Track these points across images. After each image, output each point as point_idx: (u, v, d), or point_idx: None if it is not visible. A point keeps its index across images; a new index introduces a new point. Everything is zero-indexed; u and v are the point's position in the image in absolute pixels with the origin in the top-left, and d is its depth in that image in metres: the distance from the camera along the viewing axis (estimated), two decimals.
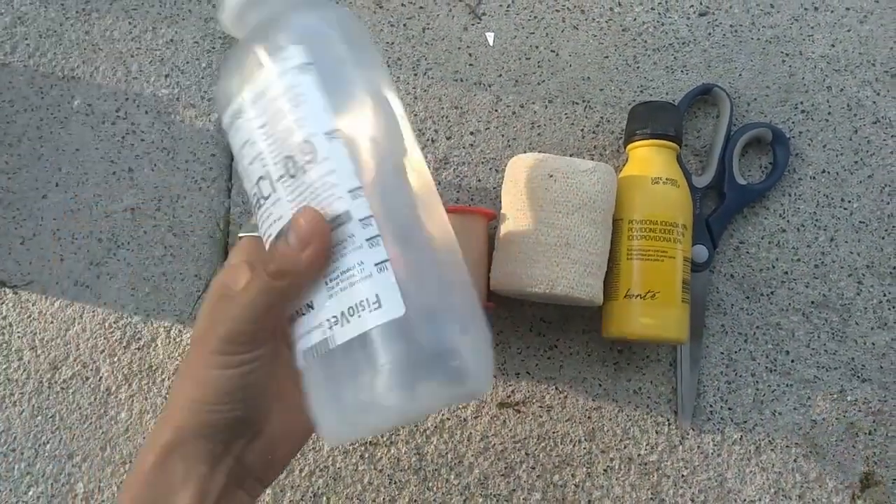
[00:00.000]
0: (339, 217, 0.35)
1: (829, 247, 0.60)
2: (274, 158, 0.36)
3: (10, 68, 0.64)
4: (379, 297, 0.35)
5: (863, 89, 0.62)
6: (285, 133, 0.36)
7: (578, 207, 0.52)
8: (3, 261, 0.61)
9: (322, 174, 0.35)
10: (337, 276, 0.35)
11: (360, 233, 0.35)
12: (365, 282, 0.35)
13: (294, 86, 0.36)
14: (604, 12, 0.63)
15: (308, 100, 0.36)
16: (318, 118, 0.36)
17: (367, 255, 0.35)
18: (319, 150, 0.36)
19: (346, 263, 0.35)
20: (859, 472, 0.58)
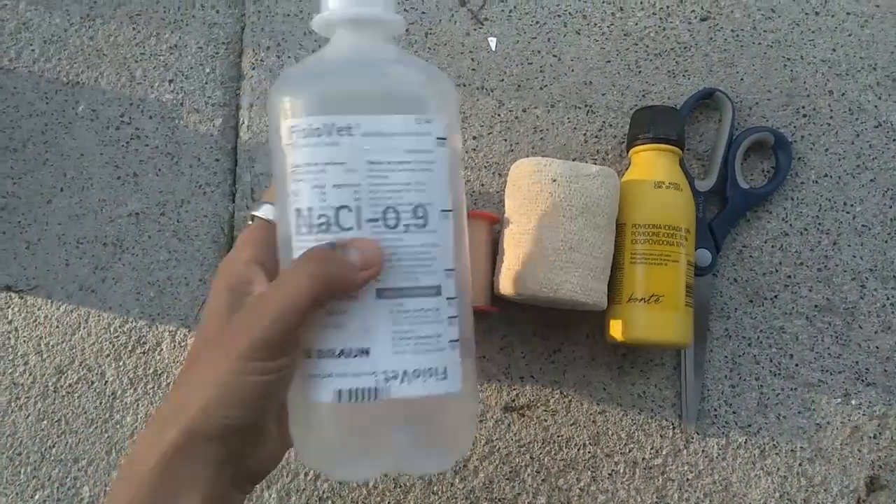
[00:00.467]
0: (430, 288, 0.37)
1: (833, 251, 0.60)
2: (373, 200, 0.37)
3: (15, 74, 0.64)
4: (447, 370, 0.38)
5: (864, 93, 0.62)
6: (399, 187, 0.37)
7: (582, 212, 0.53)
8: (9, 266, 0.61)
9: (425, 243, 0.37)
10: (410, 337, 0.37)
11: (445, 310, 0.38)
12: (437, 353, 0.38)
13: (427, 151, 0.37)
14: (605, 17, 0.64)
15: (436, 172, 0.38)
16: (438, 193, 0.38)
17: (445, 330, 0.38)
18: (431, 220, 0.37)
19: (424, 330, 0.37)
20: (864, 476, 0.58)
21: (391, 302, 0.37)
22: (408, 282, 0.37)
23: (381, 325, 0.37)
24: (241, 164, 0.63)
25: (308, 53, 0.63)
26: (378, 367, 0.37)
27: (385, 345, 0.37)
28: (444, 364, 0.38)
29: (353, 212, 0.37)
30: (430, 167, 0.37)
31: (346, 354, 0.37)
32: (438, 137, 0.38)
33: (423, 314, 0.37)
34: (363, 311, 0.37)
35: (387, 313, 0.37)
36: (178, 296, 0.61)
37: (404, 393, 0.37)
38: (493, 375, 0.59)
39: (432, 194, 0.37)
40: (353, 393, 0.37)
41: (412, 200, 0.37)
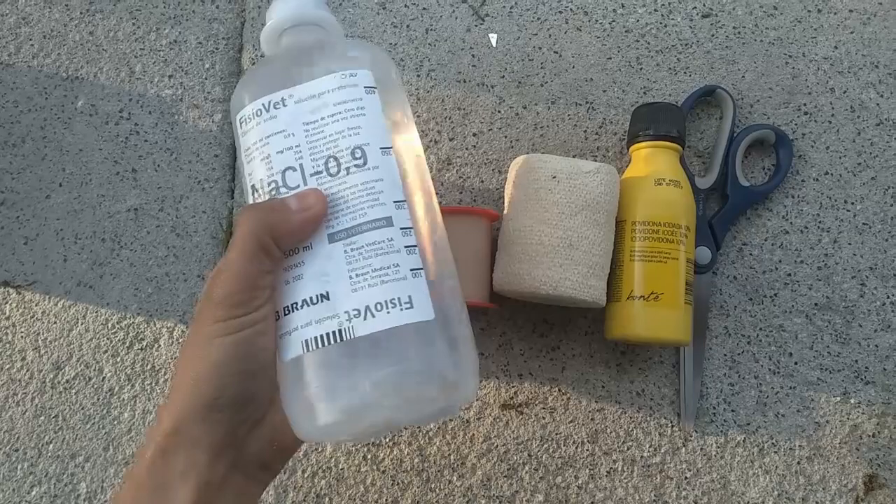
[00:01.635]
0: (379, 220, 0.38)
1: (833, 249, 0.60)
2: (313, 155, 0.39)
3: (14, 69, 0.64)
4: (412, 298, 0.37)
5: (866, 91, 0.62)
6: (335, 136, 0.39)
7: (581, 209, 0.52)
8: (7, 261, 0.61)
9: (367, 180, 0.38)
10: (367, 272, 0.37)
11: (400, 240, 0.38)
12: (398, 283, 0.37)
13: (356, 99, 0.39)
14: (607, 14, 0.64)
15: (368, 115, 0.39)
16: (375, 133, 0.39)
17: (403, 259, 0.37)
18: (370, 159, 0.39)
19: (379, 263, 0.37)
20: (863, 474, 0.57)
21: (343, 243, 0.37)
22: (356, 219, 0.38)
23: (336, 266, 0.37)
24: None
25: None
26: (339, 309, 0.36)
27: (342, 284, 0.37)
28: (408, 292, 0.37)
29: (297, 171, 0.39)
30: (362, 112, 0.39)
31: (307, 304, 0.37)
32: (366, 86, 0.40)
33: (376, 247, 0.37)
34: (318, 257, 0.37)
35: (341, 255, 0.37)
36: (176, 292, 0.61)
37: (370, 328, 0.36)
38: (491, 372, 0.59)
39: (368, 135, 0.39)
40: (319, 339, 0.36)
41: (349, 145, 0.39)
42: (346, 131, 0.39)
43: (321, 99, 0.39)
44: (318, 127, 0.39)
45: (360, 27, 0.64)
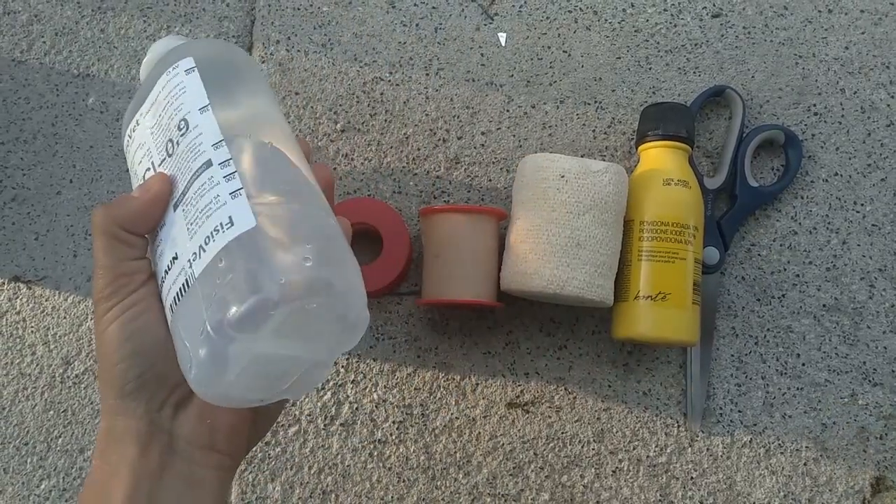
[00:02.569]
0: (201, 167, 0.38)
1: (842, 250, 0.60)
2: (158, 147, 0.41)
3: (26, 66, 0.64)
4: (231, 217, 0.36)
5: (876, 92, 0.62)
6: (167, 122, 0.41)
7: (590, 208, 0.52)
8: (18, 256, 0.62)
9: (191, 139, 0.39)
10: (196, 216, 0.37)
11: (219, 173, 0.38)
12: (220, 210, 0.36)
13: (178, 84, 0.41)
14: (616, 13, 0.63)
15: (188, 89, 0.41)
16: (195, 101, 0.41)
17: (223, 188, 0.37)
18: (191, 122, 0.40)
19: (203, 202, 0.37)
20: (870, 476, 0.57)
21: (181, 205, 0.39)
22: (185, 178, 0.39)
23: (179, 227, 0.38)
24: None
25: (317, 47, 0.64)
26: (183, 262, 0.37)
27: (184, 239, 0.38)
28: (228, 214, 0.36)
29: (151, 168, 0.41)
30: (183, 90, 0.41)
31: (167, 271, 0.38)
32: (186, 69, 0.42)
33: (200, 190, 0.38)
34: (167, 227, 0.39)
35: (181, 215, 0.38)
36: None
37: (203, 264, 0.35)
38: (497, 371, 0.59)
39: (189, 106, 0.40)
40: (176, 297, 0.37)
41: (175, 122, 0.41)
42: (173, 113, 0.41)
43: (157, 101, 0.42)
44: (158, 123, 0.42)
45: (369, 25, 0.64)
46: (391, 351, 0.59)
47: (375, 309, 0.60)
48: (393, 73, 0.63)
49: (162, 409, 0.39)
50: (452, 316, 0.60)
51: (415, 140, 0.62)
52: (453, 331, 0.60)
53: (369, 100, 0.63)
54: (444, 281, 0.55)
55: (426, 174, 0.62)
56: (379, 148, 0.62)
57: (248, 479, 0.58)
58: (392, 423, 0.58)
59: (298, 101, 0.63)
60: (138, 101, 0.44)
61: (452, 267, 0.55)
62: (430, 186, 0.61)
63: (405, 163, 0.62)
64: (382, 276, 0.57)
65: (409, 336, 0.60)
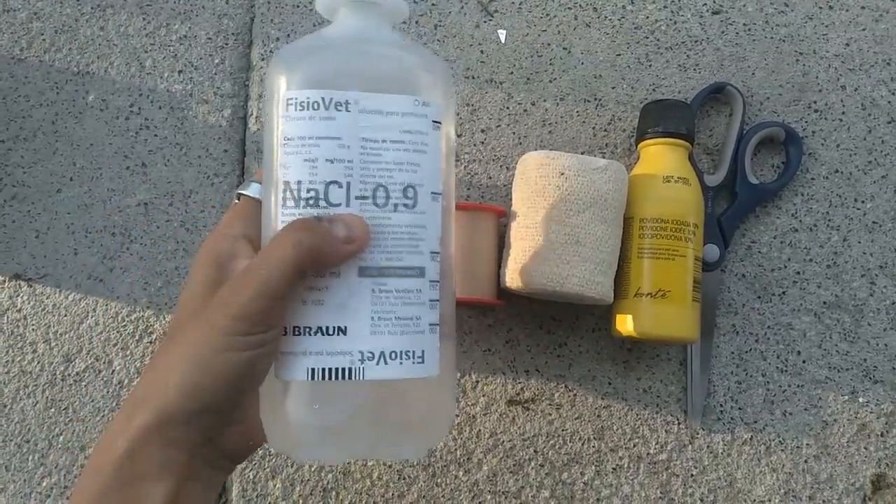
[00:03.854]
0: (413, 269, 0.37)
1: (842, 247, 0.60)
2: (363, 177, 0.36)
3: (25, 63, 0.64)
4: (424, 353, 0.37)
5: (877, 89, 0.62)
6: (391, 166, 0.37)
7: (589, 205, 0.52)
8: (18, 254, 0.62)
9: (413, 224, 0.37)
10: (390, 318, 0.36)
11: (427, 292, 0.37)
12: (416, 336, 0.37)
13: (422, 133, 0.37)
14: (616, 10, 0.63)
15: (429, 154, 0.37)
16: (431, 175, 0.38)
17: (426, 313, 0.37)
18: (420, 202, 0.37)
19: (403, 312, 0.36)
20: (871, 473, 0.57)
21: (373, 280, 0.36)
22: (392, 261, 0.37)
23: (360, 303, 0.36)
24: (250, 154, 0.63)
25: None
26: (354, 347, 0.36)
27: (363, 324, 0.36)
28: (423, 347, 0.37)
29: (342, 188, 0.36)
30: (423, 149, 0.37)
31: (322, 332, 0.36)
32: (434, 121, 0.38)
33: (404, 295, 0.36)
34: (344, 288, 0.36)
35: (368, 292, 0.36)
36: None
37: (380, 375, 0.36)
38: (497, 369, 0.59)
39: (423, 176, 0.37)
40: (327, 372, 0.36)
41: (403, 180, 0.37)
42: (404, 164, 0.37)
43: (388, 119, 0.37)
44: (377, 149, 0.37)
45: None
46: None
47: None
48: None
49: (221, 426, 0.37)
50: None
51: None
52: None
53: None
54: None
55: None
56: None
57: (248, 476, 0.58)
58: None
59: None
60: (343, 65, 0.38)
61: None
62: None
63: None
64: None
65: None
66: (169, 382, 0.35)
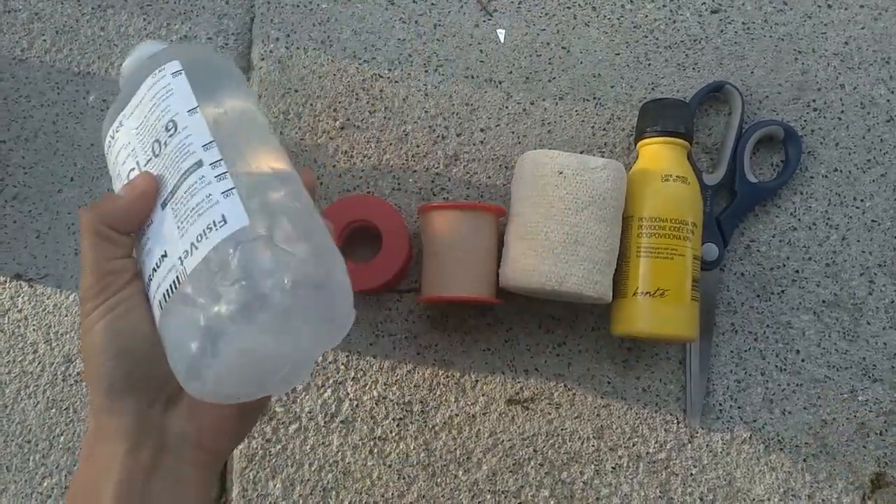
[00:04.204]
0: (191, 167, 0.39)
1: (841, 246, 0.60)
2: (143, 148, 0.42)
3: (27, 64, 0.65)
4: (224, 215, 0.37)
5: (876, 87, 0.62)
6: (154, 123, 0.42)
7: (588, 204, 0.52)
8: (19, 254, 0.62)
9: (181, 140, 0.40)
10: (187, 214, 0.38)
11: (210, 173, 0.39)
12: (212, 208, 0.37)
13: (165, 85, 0.42)
14: (615, 9, 0.63)
15: (175, 91, 0.42)
16: (183, 102, 0.42)
17: (215, 188, 0.38)
18: (180, 123, 0.41)
19: (195, 201, 0.38)
20: (870, 472, 0.57)
21: (170, 203, 0.39)
22: (174, 178, 0.40)
23: (168, 225, 0.39)
24: None
25: (316, 44, 0.64)
26: (174, 259, 0.37)
27: (173, 237, 0.38)
28: (221, 213, 0.37)
29: (136, 168, 0.42)
30: (170, 93, 0.42)
31: (156, 268, 0.38)
32: (173, 72, 0.43)
33: (191, 190, 0.39)
34: (155, 225, 0.40)
35: (170, 213, 0.39)
36: None
37: (196, 261, 0.36)
38: (497, 368, 0.59)
39: (177, 107, 0.41)
40: (167, 293, 0.37)
41: (163, 123, 0.41)
42: (160, 114, 0.42)
43: (142, 103, 0.43)
44: (144, 124, 0.42)
45: (368, 22, 0.64)
46: (391, 348, 0.60)
47: (375, 306, 0.60)
48: (392, 70, 0.63)
49: (152, 406, 0.39)
50: (452, 313, 0.60)
51: (414, 137, 0.62)
52: (453, 328, 0.60)
53: (368, 97, 0.63)
54: (443, 278, 0.55)
55: (425, 171, 0.62)
56: (378, 145, 0.62)
57: (248, 476, 0.58)
58: (392, 420, 0.59)
59: (298, 99, 0.63)
60: (121, 103, 0.45)
61: (451, 264, 0.55)
62: (429, 183, 0.61)
63: (404, 160, 0.62)
64: (382, 273, 0.57)
65: (409, 333, 0.60)
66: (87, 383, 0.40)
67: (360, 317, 0.60)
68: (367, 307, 0.60)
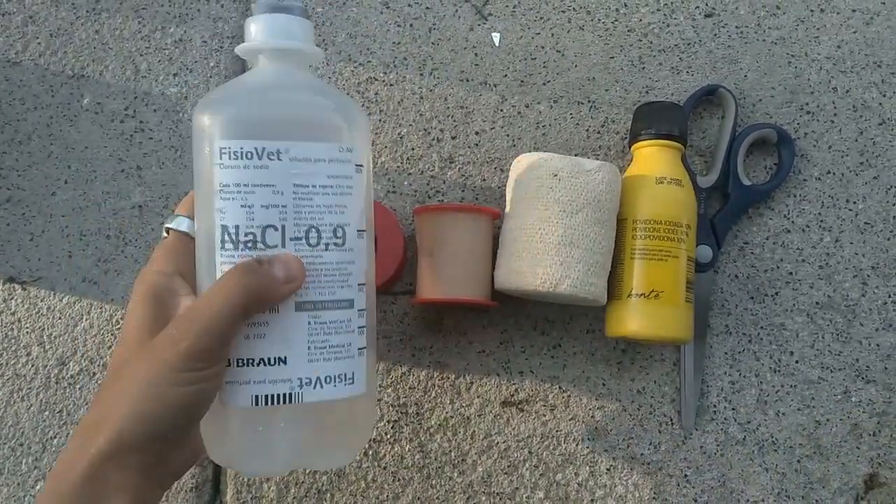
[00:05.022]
0: (345, 301, 0.41)
1: (834, 248, 0.60)
2: (297, 220, 0.40)
3: (21, 67, 0.64)
4: (354, 375, 0.42)
5: (868, 91, 0.62)
6: (321, 209, 0.40)
7: (583, 207, 0.53)
8: (13, 257, 0.62)
9: (342, 260, 0.41)
10: (325, 347, 0.40)
11: (356, 321, 0.42)
12: (348, 360, 0.41)
13: (347, 177, 0.41)
14: (609, 13, 0.64)
15: (354, 195, 0.41)
16: (356, 215, 0.41)
17: (355, 339, 0.42)
18: (348, 239, 0.41)
19: (336, 340, 0.41)
20: (863, 473, 0.58)
21: (308, 314, 0.40)
22: (325, 296, 0.40)
23: (298, 335, 0.40)
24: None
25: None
26: (294, 375, 0.40)
27: (301, 354, 0.40)
28: (353, 370, 0.41)
29: (278, 231, 0.39)
30: (349, 191, 0.41)
31: (265, 363, 0.40)
32: (357, 164, 0.41)
33: (336, 325, 0.41)
34: (283, 322, 0.40)
35: (304, 325, 0.40)
36: None
37: (317, 398, 0.40)
38: (492, 370, 0.59)
39: (350, 216, 0.41)
40: (270, 398, 0.40)
41: (332, 221, 0.40)
42: (333, 207, 0.40)
43: (316, 165, 0.40)
44: (308, 194, 0.40)
45: (363, 26, 0.64)
46: (386, 350, 0.59)
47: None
48: (387, 74, 0.63)
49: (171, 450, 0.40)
50: (447, 315, 0.60)
51: (409, 140, 0.62)
52: (448, 330, 0.60)
53: (364, 100, 0.63)
54: (438, 280, 0.55)
55: (420, 174, 0.62)
56: (373, 148, 0.62)
57: (243, 479, 0.58)
58: (387, 421, 0.59)
59: None
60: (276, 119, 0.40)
61: (447, 266, 0.55)
62: (424, 186, 0.62)
63: (399, 162, 0.62)
64: (377, 275, 0.57)
65: (404, 335, 0.60)
66: (123, 412, 0.37)
67: None
68: None
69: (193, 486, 0.58)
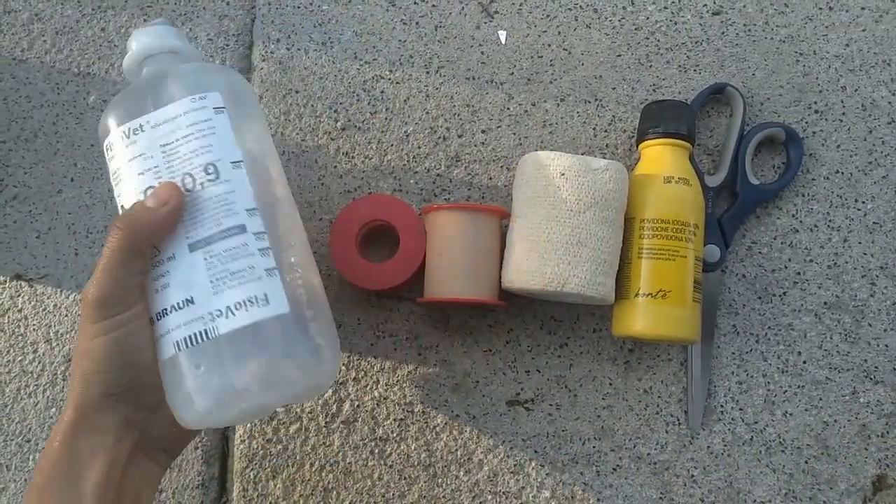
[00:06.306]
0: (234, 228, 0.42)
1: (843, 247, 0.60)
2: (170, 174, 0.43)
3: (27, 64, 0.64)
4: (267, 296, 0.42)
5: (878, 89, 0.62)
6: (189, 155, 0.43)
7: (590, 206, 0.52)
8: (19, 254, 0.62)
9: (221, 192, 0.42)
10: (225, 276, 0.41)
11: (255, 244, 0.42)
12: (255, 283, 0.41)
13: (207, 120, 0.43)
14: (616, 11, 0.63)
15: (218, 132, 0.44)
16: (226, 149, 0.43)
17: (258, 261, 0.42)
18: (222, 173, 0.43)
19: (236, 266, 0.41)
20: (871, 474, 0.57)
21: (202, 251, 0.42)
22: (212, 229, 0.42)
23: (197, 273, 0.41)
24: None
25: (317, 45, 0.64)
26: (203, 311, 0.41)
27: (205, 289, 0.41)
28: (264, 291, 0.41)
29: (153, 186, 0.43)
30: (211, 132, 0.43)
31: (175, 308, 0.41)
32: (215, 107, 0.44)
33: (232, 252, 0.42)
34: (181, 266, 0.42)
35: (201, 262, 0.42)
36: None
37: (231, 325, 0.41)
38: (498, 369, 0.59)
39: (219, 152, 0.43)
40: (188, 339, 0.41)
41: (202, 162, 0.43)
42: (198, 150, 0.43)
43: (175, 122, 0.43)
44: (174, 148, 0.43)
45: (369, 24, 0.64)
46: (392, 349, 0.59)
47: (376, 307, 0.60)
48: (393, 72, 0.63)
49: (139, 410, 0.42)
50: (453, 314, 0.60)
51: (415, 138, 0.62)
52: (454, 329, 0.60)
53: (370, 98, 0.63)
54: (444, 279, 0.55)
55: (426, 172, 0.62)
56: (379, 146, 0.62)
57: (249, 476, 0.58)
58: (393, 420, 0.59)
59: (299, 100, 0.63)
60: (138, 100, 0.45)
61: (453, 265, 0.55)
62: (430, 185, 0.61)
63: (406, 161, 0.62)
64: (401, 271, 0.56)
65: (410, 334, 0.60)
66: (75, 380, 0.41)
67: (361, 318, 0.60)
68: (367, 309, 0.60)
69: (200, 483, 0.59)
